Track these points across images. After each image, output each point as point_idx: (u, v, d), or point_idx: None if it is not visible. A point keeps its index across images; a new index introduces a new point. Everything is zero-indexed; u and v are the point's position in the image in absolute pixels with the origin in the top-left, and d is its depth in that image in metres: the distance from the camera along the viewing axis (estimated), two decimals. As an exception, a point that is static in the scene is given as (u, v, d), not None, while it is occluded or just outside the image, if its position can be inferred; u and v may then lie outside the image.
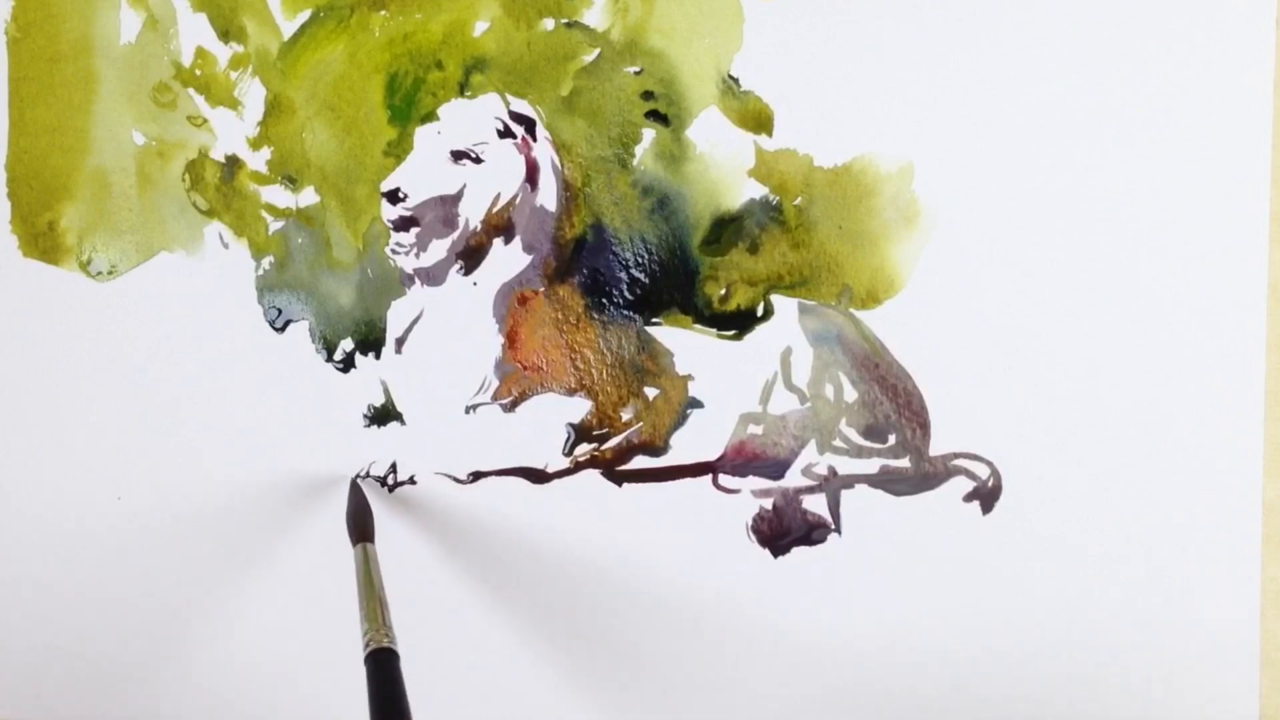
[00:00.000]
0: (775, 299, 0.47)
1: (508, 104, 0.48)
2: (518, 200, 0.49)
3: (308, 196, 0.50)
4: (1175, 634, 0.46)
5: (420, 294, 0.49)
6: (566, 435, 0.49)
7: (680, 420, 0.48)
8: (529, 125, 0.48)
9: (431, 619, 0.51)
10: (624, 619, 0.50)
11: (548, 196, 0.48)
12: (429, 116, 0.49)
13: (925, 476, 0.47)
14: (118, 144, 0.51)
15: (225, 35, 0.50)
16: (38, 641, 0.54)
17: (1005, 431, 0.46)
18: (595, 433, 0.49)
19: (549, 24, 0.48)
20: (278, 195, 0.50)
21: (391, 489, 0.50)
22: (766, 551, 0.48)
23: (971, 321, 0.46)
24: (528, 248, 0.49)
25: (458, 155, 0.49)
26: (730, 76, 0.47)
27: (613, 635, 0.50)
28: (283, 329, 0.50)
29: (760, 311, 0.48)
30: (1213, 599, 0.46)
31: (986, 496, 0.47)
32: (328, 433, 0.50)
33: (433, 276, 0.49)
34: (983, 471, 0.47)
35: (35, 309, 0.52)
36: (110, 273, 0.51)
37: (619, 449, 0.49)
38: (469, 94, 0.48)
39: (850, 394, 0.47)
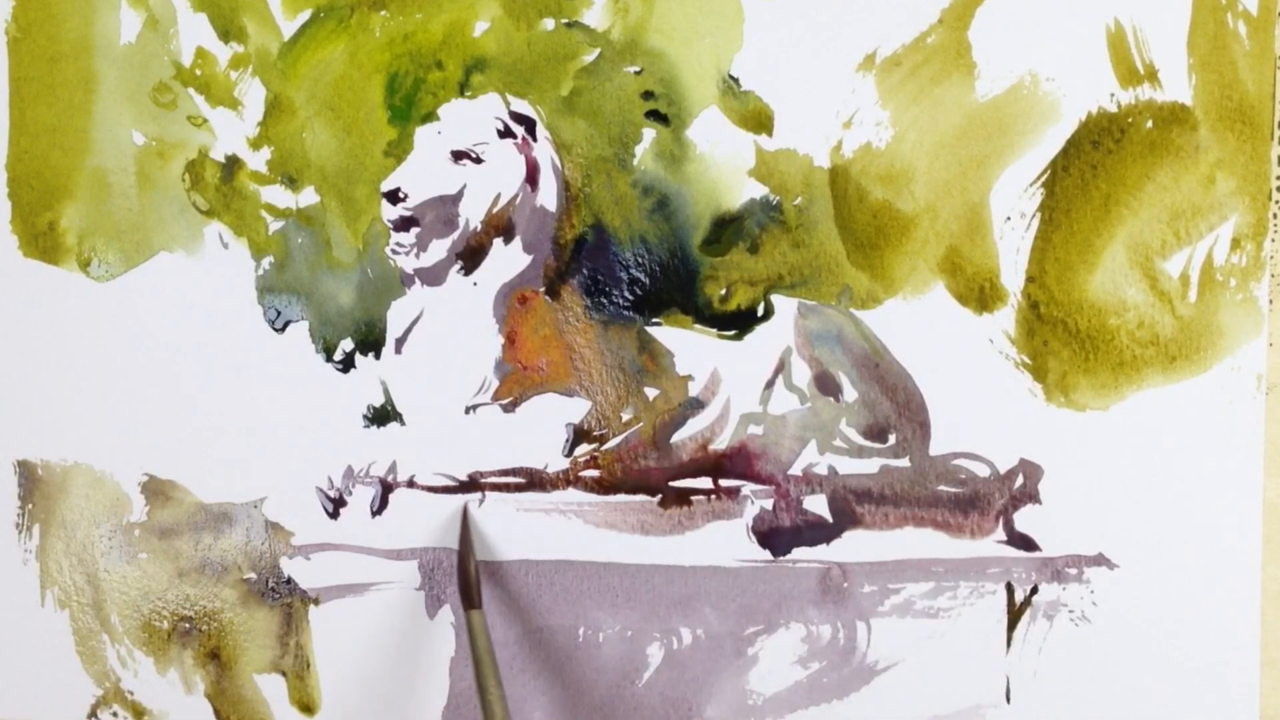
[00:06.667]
0: (775, 299, 0.47)
1: (508, 104, 0.48)
2: (518, 200, 0.49)
3: (308, 196, 0.50)
4: (1175, 634, 0.46)
5: (420, 294, 0.49)
6: (566, 435, 0.49)
7: (680, 420, 0.48)
8: (529, 125, 0.48)
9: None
10: (622, 621, 0.50)
11: (548, 196, 0.48)
12: (429, 116, 0.49)
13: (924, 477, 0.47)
14: (118, 144, 0.51)
15: (225, 35, 0.50)
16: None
17: (1004, 432, 0.46)
18: (595, 433, 0.49)
19: (549, 24, 0.48)
20: (278, 195, 0.50)
21: (390, 489, 0.50)
22: (767, 551, 0.48)
23: (971, 322, 0.46)
24: (528, 248, 0.49)
25: (458, 155, 0.49)
26: (730, 76, 0.47)
27: (610, 636, 0.50)
28: (283, 329, 0.50)
29: (760, 311, 0.48)
30: (1213, 599, 0.46)
31: (985, 500, 0.47)
32: (328, 433, 0.50)
33: (433, 276, 0.49)
34: (983, 471, 0.47)
35: (35, 309, 0.52)
36: (110, 273, 0.51)
37: (619, 449, 0.49)
38: (469, 94, 0.48)
39: (850, 394, 0.47)
